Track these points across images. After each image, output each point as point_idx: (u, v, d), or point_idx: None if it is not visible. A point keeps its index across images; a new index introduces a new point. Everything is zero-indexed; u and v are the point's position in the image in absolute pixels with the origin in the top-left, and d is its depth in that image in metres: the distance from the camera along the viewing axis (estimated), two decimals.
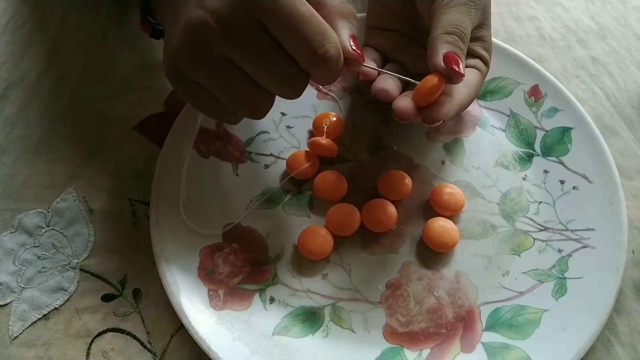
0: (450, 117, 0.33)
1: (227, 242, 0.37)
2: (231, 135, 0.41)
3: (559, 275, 0.35)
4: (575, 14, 0.50)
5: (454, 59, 0.32)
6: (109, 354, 0.34)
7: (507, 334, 0.34)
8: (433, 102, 0.33)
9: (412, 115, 0.33)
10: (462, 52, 0.33)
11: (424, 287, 0.35)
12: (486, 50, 0.36)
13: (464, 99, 0.34)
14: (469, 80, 0.35)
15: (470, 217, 0.38)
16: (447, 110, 0.33)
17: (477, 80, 0.35)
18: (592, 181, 0.38)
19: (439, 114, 0.33)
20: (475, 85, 0.35)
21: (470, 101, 0.35)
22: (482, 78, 0.36)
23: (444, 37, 0.33)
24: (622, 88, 0.45)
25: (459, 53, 0.32)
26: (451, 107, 0.33)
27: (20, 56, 0.46)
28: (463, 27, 0.33)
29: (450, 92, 0.34)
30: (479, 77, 0.36)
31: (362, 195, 0.38)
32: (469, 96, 0.35)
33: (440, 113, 0.33)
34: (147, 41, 0.46)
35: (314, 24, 0.28)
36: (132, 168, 0.40)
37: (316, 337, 0.34)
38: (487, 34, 0.36)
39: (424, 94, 0.33)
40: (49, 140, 0.42)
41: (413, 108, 0.33)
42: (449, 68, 0.32)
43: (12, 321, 0.35)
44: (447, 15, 0.33)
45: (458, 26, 0.33)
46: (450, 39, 0.33)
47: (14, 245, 0.37)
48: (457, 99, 0.34)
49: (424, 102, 0.33)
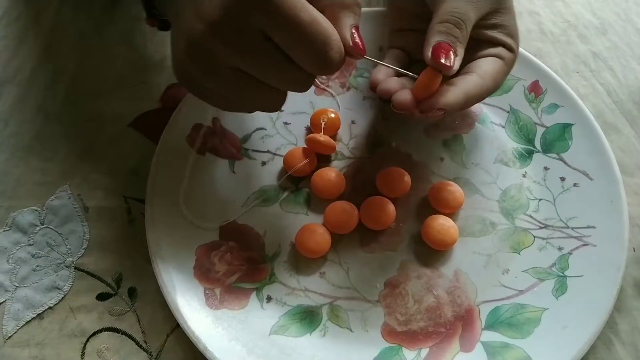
0: (452, 107, 0.32)
1: (223, 240, 0.36)
2: (227, 131, 0.40)
3: (559, 274, 0.35)
4: (575, 8, 0.49)
5: (442, 50, 0.31)
6: (104, 354, 0.34)
7: (506, 332, 0.33)
8: (433, 93, 0.32)
9: (409, 105, 0.33)
10: (456, 40, 0.32)
11: (423, 286, 0.35)
12: (509, 35, 0.35)
13: (473, 88, 0.33)
14: (484, 70, 0.34)
15: (470, 215, 0.38)
16: (446, 100, 0.32)
17: (496, 68, 0.34)
18: (593, 178, 0.38)
19: (435, 103, 0.32)
20: (492, 75, 0.34)
21: (485, 91, 0.34)
22: (504, 66, 0.35)
23: (436, 27, 0.32)
24: (623, 84, 0.44)
25: (452, 42, 0.32)
26: (452, 97, 0.32)
27: (14, 52, 0.45)
28: (460, 13, 0.32)
29: (456, 82, 0.33)
30: (499, 66, 0.35)
31: (360, 193, 0.38)
32: (481, 87, 0.34)
33: (437, 102, 0.32)
34: (142, 37, 0.46)
35: (315, 31, 0.28)
36: (127, 165, 0.40)
37: (314, 336, 0.34)
38: (506, 19, 0.35)
39: (421, 87, 0.32)
40: (43, 137, 0.41)
41: (411, 99, 0.33)
42: (434, 60, 0.31)
43: (6, 320, 0.34)
44: (446, 4, 0.33)
45: (454, 13, 0.32)
46: (442, 28, 0.32)
47: (8, 243, 0.37)
48: (462, 89, 0.33)
49: (422, 94, 0.33)
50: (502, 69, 0.35)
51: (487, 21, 0.35)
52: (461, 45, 0.32)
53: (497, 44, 0.35)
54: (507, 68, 0.35)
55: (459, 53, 0.32)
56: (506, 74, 0.35)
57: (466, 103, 0.33)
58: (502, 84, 0.35)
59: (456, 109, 0.33)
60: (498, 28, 0.35)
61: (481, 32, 0.35)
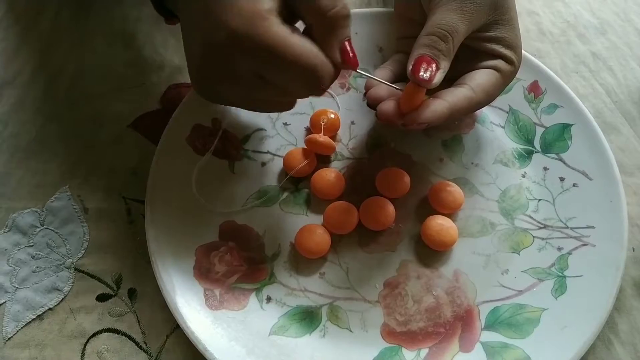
0: (433, 121, 0.32)
1: (223, 241, 0.36)
2: (227, 132, 0.40)
3: (559, 274, 0.35)
4: (575, 8, 0.49)
5: (422, 63, 0.31)
6: (104, 355, 0.34)
7: (506, 333, 0.33)
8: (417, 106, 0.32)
9: (391, 115, 0.33)
10: (440, 53, 0.32)
11: (422, 286, 0.35)
12: (508, 47, 0.35)
13: (460, 101, 0.33)
14: (477, 82, 0.34)
15: (469, 215, 0.38)
16: (427, 115, 0.32)
17: (490, 81, 0.34)
18: (592, 178, 0.38)
19: (416, 117, 0.32)
20: (484, 87, 0.34)
21: (474, 104, 0.34)
22: (500, 79, 0.35)
23: (421, 39, 0.32)
24: (623, 84, 0.44)
25: (435, 54, 0.32)
26: (435, 111, 0.32)
27: (14, 54, 0.45)
28: (447, 25, 0.32)
29: (443, 95, 0.33)
30: (494, 78, 0.34)
31: (359, 193, 0.38)
32: (470, 99, 0.33)
33: (418, 117, 0.32)
34: (142, 38, 0.46)
35: (303, 63, 0.29)
36: (127, 166, 0.40)
37: (313, 336, 0.34)
38: (505, 31, 0.35)
39: (405, 100, 0.33)
40: (43, 138, 0.41)
41: (394, 110, 0.33)
42: (412, 74, 0.31)
43: (6, 322, 0.34)
44: (434, 16, 0.33)
45: (441, 25, 0.32)
46: (427, 41, 0.32)
47: (8, 245, 0.37)
48: (448, 102, 0.33)
49: (406, 107, 0.33)
50: (496, 81, 0.35)
51: (484, 33, 0.34)
52: (445, 59, 0.32)
53: (495, 56, 0.35)
54: (504, 80, 0.35)
55: (442, 66, 0.32)
56: (502, 86, 0.35)
57: (451, 116, 0.33)
58: (496, 96, 0.35)
59: (439, 122, 0.33)
60: (496, 40, 0.35)
61: (479, 44, 0.35)
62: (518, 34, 0.36)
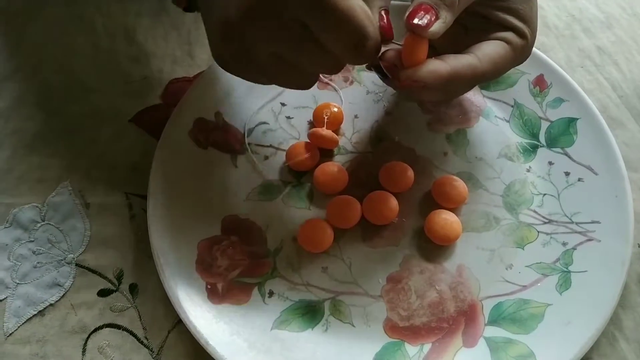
0: (431, 80, 0.30)
1: (225, 235, 0.36)
2: (230, 126, 0.40)
3: (564, 269, 0.35)
4: (580, 2, 0.49)
5: (419, 10, 0.29)
6: (106, 350, 0.33)
7: (510, 328, 0.33)
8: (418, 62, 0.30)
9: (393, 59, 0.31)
10: (442, 3, 0.29)
11: (426, 281, 0.35)
12: (522, 20, 0.33)
13: (464, 68, 0.31)
14: (484, 52, 0.32)
15: (473, 210, 0.37)
16: (426, 73, 0.30)
17: (498, 52, 0.32)
18: (598, 173, 0.37)
19: (413, 74, 0.30)
20: (492, 58, 0.32)
21: (479, 74, 0.32)
22: (510, 52, 0.33)
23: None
24: (629, 78, 0.44)
25: (436, 4, 0.29)
26: (435, 71, 0.30)
27: (14, 48, 0.45)
28: None
29: (446, 58, 0.31)
30: (503, 50, 0.32)
31: (363, 187, 0.37)
32: (474, 68, 0.31)
33: (414, 73, 0.30)
34: (144, 32, 0.46)
35: (355, 20, 0.27)
36: (128, 161, 0.40)
37: (316, 331, 0.33)
38: (518, 2, 0.33)
39: (405, 52, 0.31)
40: (43, 133, 0.41)
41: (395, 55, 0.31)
42: (407, 20, 0.29)
43: (7, 318, 0.34)
44: None
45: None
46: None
47: (9, 240, 0.37)
48: (449, 66, 0.31)
49: (407, 61, 0.31)
50: (505, 54, 0.33)
51: (498, 2, 0.33)
52: (448, 10, 0.30)
53: (507, 28, 0.33)
54: (514, 54, 0.33)
55: (443, 17, 0.30)
56: (512, 59, 0.33)
57: (451, 82, 0.31)
58: (505, 70, 0.34)
59: (437, 85, 0.31)
60: (509, 11, 0.33)
61: (490, 12, 0.33)
62: (535, 7, 0.34)
